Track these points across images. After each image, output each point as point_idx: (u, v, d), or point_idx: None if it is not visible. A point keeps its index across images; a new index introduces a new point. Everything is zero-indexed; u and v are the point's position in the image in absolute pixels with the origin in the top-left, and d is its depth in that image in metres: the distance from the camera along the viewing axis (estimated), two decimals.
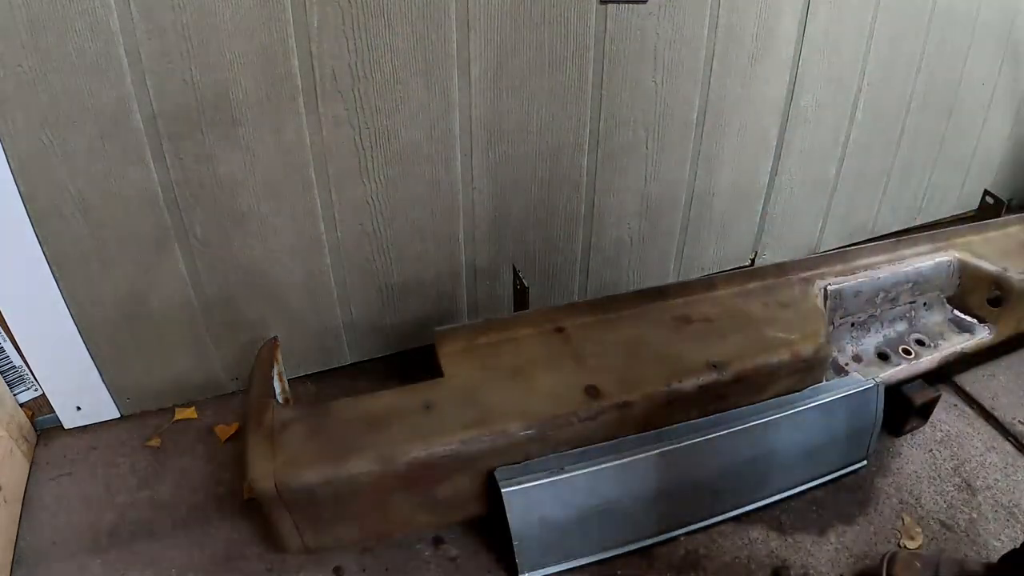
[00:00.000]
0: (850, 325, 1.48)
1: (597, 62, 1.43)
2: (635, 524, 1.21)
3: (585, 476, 1.13)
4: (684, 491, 1.22)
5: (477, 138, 1.41)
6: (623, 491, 1.16)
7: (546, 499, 1.12)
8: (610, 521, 1.18)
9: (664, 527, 1.24)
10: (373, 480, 1.06)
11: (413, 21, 1.24)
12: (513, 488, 1.10)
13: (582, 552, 1.20)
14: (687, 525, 1.26)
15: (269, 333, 1.44)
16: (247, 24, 1.14)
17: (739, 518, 1.29)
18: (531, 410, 1.13)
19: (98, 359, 1.37)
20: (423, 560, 1.22)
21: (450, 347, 1.25)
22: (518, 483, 1.10)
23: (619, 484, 1.16)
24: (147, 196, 1.23)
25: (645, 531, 1.23)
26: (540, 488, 1.11)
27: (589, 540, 1.19)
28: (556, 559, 1.18)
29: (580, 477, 1.13)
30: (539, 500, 1.12)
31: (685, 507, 1.24)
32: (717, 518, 1.27)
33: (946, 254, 1.55)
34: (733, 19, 1.51)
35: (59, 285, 1.26)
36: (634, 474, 1.16)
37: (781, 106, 1.71)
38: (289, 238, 1.38)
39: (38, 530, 1.25)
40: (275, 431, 1.08)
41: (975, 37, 1.88)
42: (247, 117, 1.22)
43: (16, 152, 1.11)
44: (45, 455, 1.39)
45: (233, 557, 1.21)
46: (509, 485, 1.10)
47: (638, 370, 1.21)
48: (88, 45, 1.07)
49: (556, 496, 1.12)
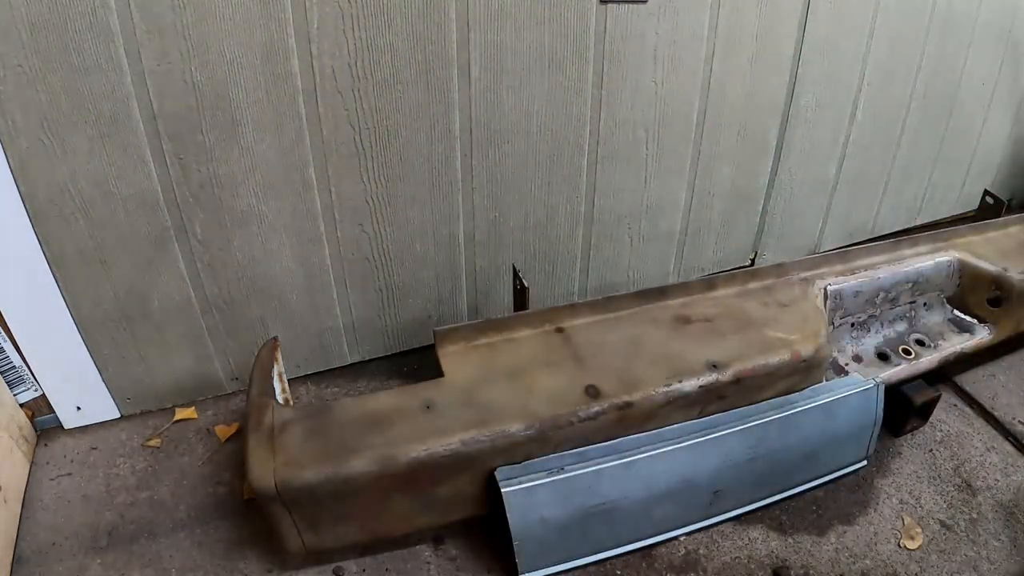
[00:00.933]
0: (850, 325, 1.48)
1: (597, 62, 1.43)
2: (635, 524, 1.21)
3: (585, 476, 1.13)
4: (684, 491, 1.22)
5: (477, 138, 1.41)
6: (623, 491, 1.16)
7: (546, 499, 1.12)
8: (610, 521, 1.18)
9: (664, 527, 1.24)
10: (373, 480, 1.06)
11: (413, 21, 1.24)
12: (513, 488, 1.10)
13: (582, 552, 1.20)
14: (687, 525, 1.26)
15: (269, 333, 1.44)
16: (247, 24, 1.14)
17: (739, 518, 1.30)
18: (531, 410, 1.13)
19: (98, 359, 1.37)
20: (423, 560, 1.22)
21: (450, 347, 1.25)
22: (518, 483, 1.10)
23: (619, 484, 1.16)
24: (147, 196, 1.23)
25: (645, 531, 1.23)
26: (540, 488, 1.11)
27: (589, 540, 1.19)
28: (556, 559, 1.18)
29: (580, 477, 1.13)
30: (539, 500, 1.12)
31: (685, 507, 1.24)
32: (717, 518, 1.27)
33: (946, 254, 1.55)
34: (733, 19, 1.51)
35: (59, 285, 1.26)
36: (634, 474, 1.16)
37: (781, 106, 1.71)
38: (289, 238, 1.38)
39: (38, 530, 1.25)
40: (275, 431, 1.08)
41: (975, 37, 1.88)
42: (247, 117, 1.22)
43: (16, 152, 1.11)
44: (45, 455, 1.39)
45: (233, 557, 1.21)
46: (509, 485, 1.10)
47: (638, 370, 1.21)
48: (88, 45, 1.07)
49: (556, 496, 1.12)
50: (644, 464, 1.16)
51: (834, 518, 1.30)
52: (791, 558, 1.23)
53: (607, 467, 1.14)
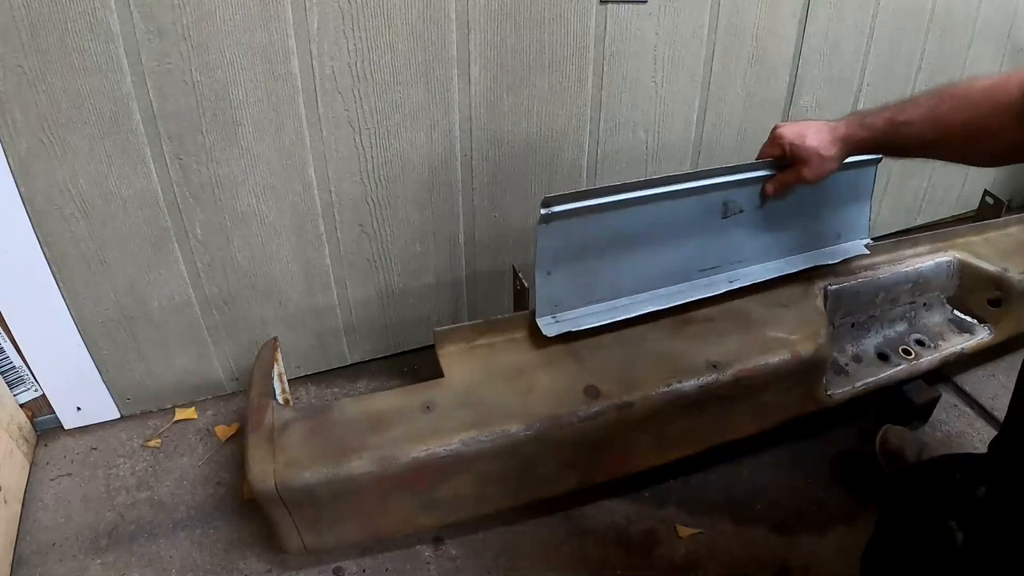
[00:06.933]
0: (850, 325, 1.48)
1: (597, 62, 1.43)
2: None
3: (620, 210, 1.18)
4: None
5: (477, 138, 1.41)
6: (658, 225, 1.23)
7: (575, 228, 1.16)
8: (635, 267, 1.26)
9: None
10: (373, 480, 1.06)
11: (413, 21, 1.24)
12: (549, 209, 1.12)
13: (601, 295, 1.26)
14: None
15: (269, 333, 1.44)
16: (247, 25, 1.14)
17: (739, 518, 1.30)
18: (531, 410, 1.13)
19: (98, 359, 1.37)
20: (423, 560, 1.22)
21: (450, 347, 1.25)
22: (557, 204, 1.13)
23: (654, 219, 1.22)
24: (147, 196, 1.23)
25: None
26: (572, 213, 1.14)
27: (611, 282, 1.26)
28: (576, 302, 1.25)
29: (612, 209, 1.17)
30: (568, 229, 1.16)
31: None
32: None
33: (946, 254, 1.55)
34: (733, 19, 1.51)
35: (59, 285, 1.26)
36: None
37: (781, 106, 1.71)
38: (289, 238, 1.38)
39: (38, 530, 1.25)
40: (275, 431, 1.08)
41: (975, 37, 1.89)
42: (247, 117, 1.22)
43: (16, 152, 1.11)
44: (45, 455, 1.39)
45: (233, 557, 1.21)
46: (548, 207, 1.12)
47: (638, 370, 1.21)
48: (88, 45, 1.07)
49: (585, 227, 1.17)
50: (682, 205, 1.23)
51: (835, 518, 1.30)
52: (791, 558, 1.23)
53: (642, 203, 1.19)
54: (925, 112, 1.01)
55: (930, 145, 1.02)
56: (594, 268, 1.24)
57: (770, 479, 1.38)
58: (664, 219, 1.24)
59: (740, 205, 1.29)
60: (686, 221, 1.27)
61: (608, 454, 1.20)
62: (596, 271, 1.25)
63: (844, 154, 1.15)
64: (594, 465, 1.21)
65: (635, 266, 1.28)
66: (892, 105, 1.07)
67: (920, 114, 1.02)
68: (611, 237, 1.22)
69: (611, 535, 1.27)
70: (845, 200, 1.41)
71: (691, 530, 1.27)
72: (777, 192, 1.25)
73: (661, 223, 1.24)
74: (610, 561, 1.22)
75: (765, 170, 1.25)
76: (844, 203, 1.42)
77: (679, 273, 1.33)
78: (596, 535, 1.27)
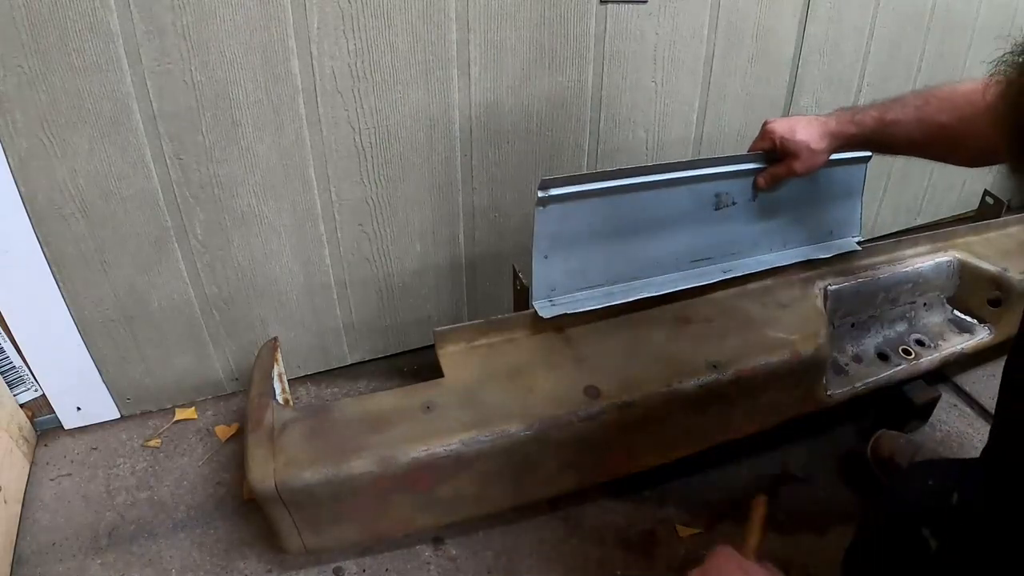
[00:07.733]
0: (850, 325, 1.48)
1: (597, 62, 1.43)
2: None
3: (620, 194, 1.20)
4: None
5: (477, 138, 1.41)
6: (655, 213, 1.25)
7: (573, 212, 1.18)
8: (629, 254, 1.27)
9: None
10: (373, 480, 1.06)
11: (413, 21, 1.24)
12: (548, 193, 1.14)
13: (596, 280, 1.27)
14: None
15: (269, 333, 1.44)
16: (247, 24, 1.14)
17: (740, 518, 1.29)
18: (531, 410, 1.13)
19: (98, 359, 1.37)
20: (423, 560, 1.22)
21: (450, 347, 1.25)
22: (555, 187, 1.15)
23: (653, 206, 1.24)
24: (147, 196, 1.23)
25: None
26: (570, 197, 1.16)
27: (606, 269, 1.27)
28: (571, 286, 1.26)
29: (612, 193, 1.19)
30: (566, 213, 1.18)
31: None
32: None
33: (946, 254, 1.55)
34: (733, 19, 1.52)
35: (59, 285, 1.26)
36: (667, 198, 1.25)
37: (781, 106, 1.71)
38: (289, 238, 1.38)
39: (38, 530, 1.25)
40: (275, 432, 1.08)
41: (975, 37, 1.89)
42: (247, 117, 1.22)
43: (16, 152, 1.11)
44: (45, 455, 1.39)
45: (233, 557, 1.21)
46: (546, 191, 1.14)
47: (638, 370, 1.21)
48: (88, 45, 1.07)
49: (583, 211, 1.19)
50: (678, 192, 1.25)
51: (834, 518, 1.30)
52: (791, 558, 1.23)
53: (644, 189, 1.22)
54: (912, 113, 1.04)
55: (916, 144, 1.06)
56: (590, 254, 1.25)
57: (770, 479, 1.38)
58: (659, 209, 1.26)
59: (733, 197, 1.30)
60: (680, 212, 1.28)
61: (608, 454, 1.20)
62: (592, 257, 1.26)
63: (833, 148, 1.17)
64: (594, 465, 1.21)
65: (630, 254, 1.29)
66: (881, 103, 1.10)
67: (907, 114, 1.05)
68: (607, 225, 1.23)
69: (611, 535, 1.27)
70: (836, 197, 1.43)
71: (691, 530, 1.27)
72: (768, 184, 1.28)
73: (656, 213, 1.26)
74: (610, 561, 1.22)
75: (756, 163, 1.27)
76: (835, 200, 1.43)
77: (674, 263, 1.35)
78: (596, 535, 1.27)
